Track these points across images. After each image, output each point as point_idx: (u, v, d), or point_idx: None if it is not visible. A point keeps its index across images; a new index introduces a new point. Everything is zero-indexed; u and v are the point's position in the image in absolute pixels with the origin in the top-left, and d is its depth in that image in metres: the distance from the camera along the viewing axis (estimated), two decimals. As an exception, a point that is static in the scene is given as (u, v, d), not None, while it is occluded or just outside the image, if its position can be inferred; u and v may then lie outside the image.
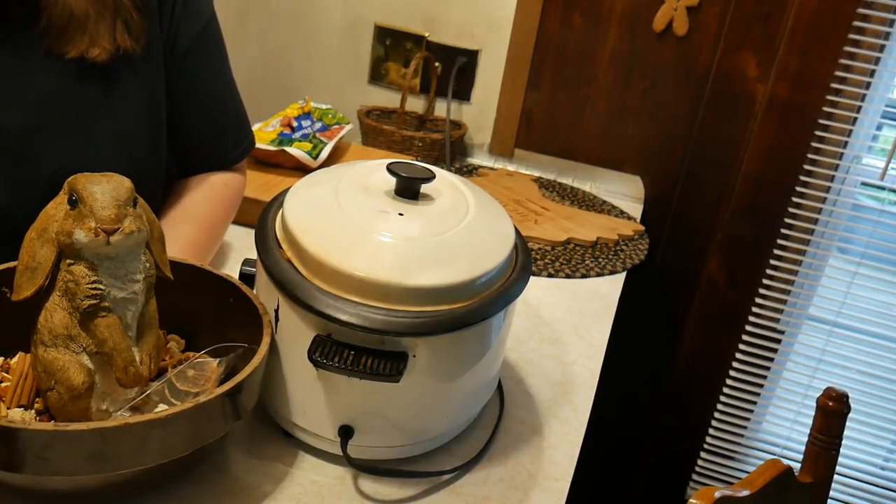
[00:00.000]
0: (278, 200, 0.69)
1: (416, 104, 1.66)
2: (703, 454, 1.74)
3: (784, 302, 1.57)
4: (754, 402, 1.67)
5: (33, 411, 0.59)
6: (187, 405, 0.51)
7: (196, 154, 0.91)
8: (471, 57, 1.60)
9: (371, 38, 1.66)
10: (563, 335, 0.96)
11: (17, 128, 0.72)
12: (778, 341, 1.61)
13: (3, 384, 0.61)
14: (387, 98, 1.68)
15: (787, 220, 1.51)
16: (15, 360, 0.63)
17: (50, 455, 0.48)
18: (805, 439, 1.01)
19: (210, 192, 0.91)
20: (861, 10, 1.37)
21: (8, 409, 0.59)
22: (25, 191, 0.73)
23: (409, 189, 0.66)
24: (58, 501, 0.56)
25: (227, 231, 1.05)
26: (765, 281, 1.56)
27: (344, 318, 0.57)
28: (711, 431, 1.71)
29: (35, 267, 0.55)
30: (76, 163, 0.74)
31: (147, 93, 0.81)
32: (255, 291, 0.66)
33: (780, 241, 1.53)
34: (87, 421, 0.54)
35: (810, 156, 1.46)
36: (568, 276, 1.14)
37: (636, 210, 1.49)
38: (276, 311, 0.62)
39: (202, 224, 0.87)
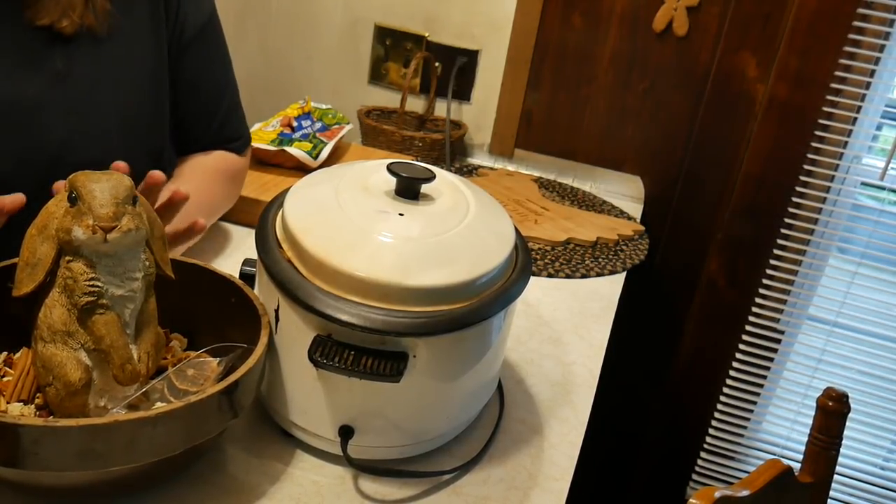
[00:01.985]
0: (278, 200, 0.69)
1: (416, 104, 1.66)
2: (703, 454, 1.74)
3: (784, 302, 1.57)
4: (754, 402, 1.67)
5: (33, 406, 0.59)
6: (179, 403, 0.51)
7: (198, 144, 0.93)
8: (471, 57, 1.60)
9: (371, 38, 1.65)
10: (563, 335, 0.96)
11: (26, 100, 0.75)
12: (778, 341, 1.61)
13: (5, 379, 0.61)
14: (387, 98, 1.68)
15: (787, 220, 1.51)
16: (18, 355, 0.63)
17: (40, 450, 0.48)
18: (805, 439, 1.01)
19: (206, 159, 0.93)
20: (861, 10, 1.37)
21: (8, 403, 0.59)
22: (30, 162, 0.75)
23: (409, 189, 0.66)
24: (54, 497, 0.56)
25: (228, 231, 1.05)
26: (765, 281, 1.56)
27: (344, 318, 0.57)
28: (711, 431, 1.71)
29: (35, 263, 0.55)
30: (80, 136, 0.77)
31: (148, 71, 0.83)
32: (255, 291, 0.66)
33: (780, 241, 1.53)
34: (85, 417, 0.54)
35: (810, 156, 1.46)
36: (568, 276, 1.14)
37: (636, 210, 1.49)
38: (277, 311, 0.62)
39: (193, 181, 0.88)
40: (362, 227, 0.62)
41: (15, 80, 0.75)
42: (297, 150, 1.22)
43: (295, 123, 1.29)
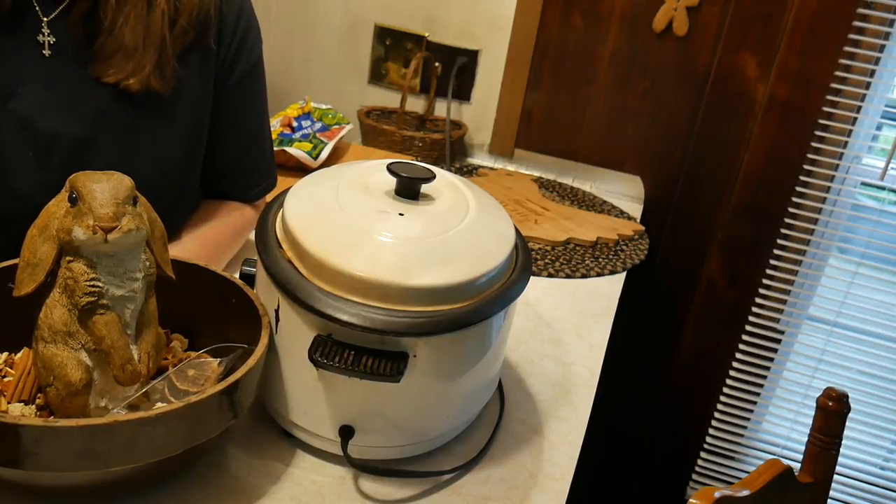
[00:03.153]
0: (278, 200, 0.69)
1: (416, 104, 1.66)
2: (703, 454, 1.74)
3: (784, 302, 1.57)
4: (754, 402, 1.67)
5: (34, 406, 0.59)
6: (179, 404, 0.51)
7: (223, 182, 0.95)
8: (471, 57, 1.60)
9: (371, 38, 1.65)
10: (563, 335, 0.96)
11: (72, 136, 0.76)
12: (778, 341, 1.61)
13: (6, 379, 0.61)
14: (387, 98, 1.68)
15: (787, 220, 1.51)
16: (19, 355, 0.63)
17: (40, 450, 0.48)
18: (805, 439, 1.01)
19: (226, 216, 0.94)
20: (861, 10, 1.37)
21: (9, 403, 0.59)
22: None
23: (409, 189, 0.66)
24: (54, 497, 0.56)
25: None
26: (765, 281, 1.56)
27: (344, 318, 0.57)
28: (711, 431, 1.71)
29: (36, 263, 0.55)
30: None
31: (193, 121, 0.85)
32: (255, 291, 0.66)
33: (780, 241, 1.53)
34: (86, 417, 0.54)
35: (810, 156, 1.46)
36: (568, 276, 1.14)
37: (636, 210, 1.49)
38: (277, 311, 0.62)
39: (207, 242, 0.90)
40: (362, 227, 0.62)
41: (63, 116, 0.76)
42: (297, 151, 1.22)
43: (295, 123, 1.29)
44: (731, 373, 1.65)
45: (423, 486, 0.65)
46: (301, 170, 1.22)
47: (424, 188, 0.67)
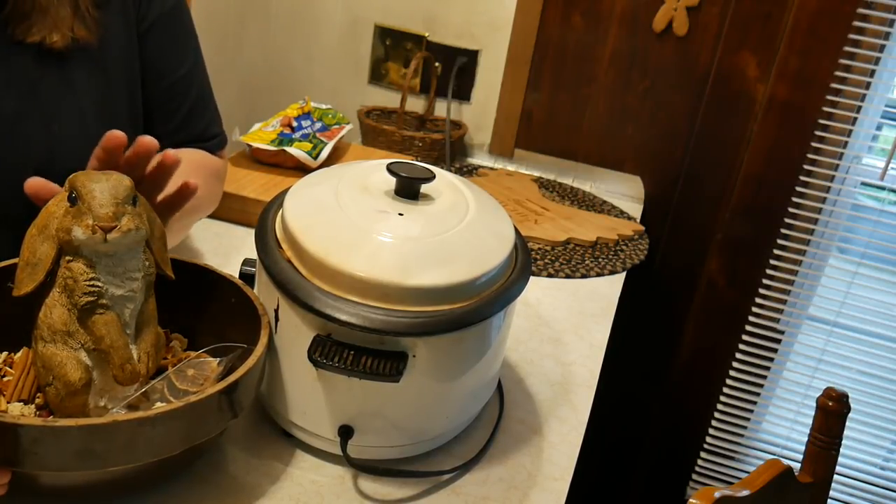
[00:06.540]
0: (278, 200, 0.69)
1: (416, 104, 1.66)
2: (703, 454, 1.74)
3: (784, 302, 1.57)
4: (754, 402, 1.67)
5: (34, 406, 0.59)
6: (178, 404, 0.51)
7: (163, 141, 0.90)
8: (471, 57, 1.60)
9: (371, 38, 1.66)
10: (563, 335, 0.96)
11: (6, 113, 0.73)
12: (778, 341, 1.61)
13: (6, 378, 0.61)
14: (387, 98, 1.68)
15: (787, 220, 1.51)
16: (19, 354, 0.63)
17: (39, 450, 0.48)
18: (805, 439, 1.01)
19: (183, 152, 0.88)
20: (861, 10, 1.37)
21: (9, 403, 0.59)
22: (14, 174, 0.72)
23: (409, 189, 0.66)
24: (53, 497, 0.56)
25: (228, 231, 1.05)
26: (765, 281, 1.56)
27: (344, 318, 0.57)
28: (711, 431, 1.71)
29: (35, 263, 0.55)
30: (64, 142, 0.76)
31: (125, 75, 0.82)
32: (255, 291, 0.66)
33: (780, 241, 1.53)
34: (85, 417, 0.54)
35: (810, 156, 1.46)
36: (568, 276, 1.14)
37: (636, 210, 1.49)
38: (276, 311, 0.62)
39: (190, 161, 0.85)
40: (362, 226, 0.62)
41: None
42: (297, 150, 1.22)
43: (295, 123, 1.29)
44: (731, 373, 1.65)
45: (423, 486, 0.65)
46: (301, 170, 1.22)
47: (424, 188, 0.67)
